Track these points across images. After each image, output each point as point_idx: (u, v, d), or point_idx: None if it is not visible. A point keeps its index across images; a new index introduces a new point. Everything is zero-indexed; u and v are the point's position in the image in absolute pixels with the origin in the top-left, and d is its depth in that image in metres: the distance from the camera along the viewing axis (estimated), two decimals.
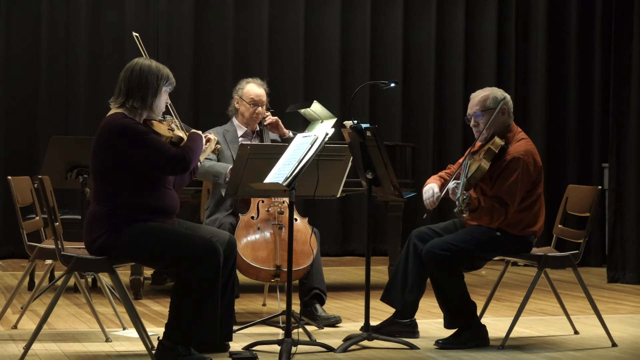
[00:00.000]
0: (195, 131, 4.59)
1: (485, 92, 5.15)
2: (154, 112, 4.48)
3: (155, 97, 4.43)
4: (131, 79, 4.43)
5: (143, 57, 4.58)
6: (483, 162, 4.92)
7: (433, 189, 5.07)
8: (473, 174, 4.91)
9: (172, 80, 4.50)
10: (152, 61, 4.50)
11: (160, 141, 4.38)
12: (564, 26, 9.59)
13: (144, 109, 4.44)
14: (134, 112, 4.43)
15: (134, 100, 4.41)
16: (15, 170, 7.08)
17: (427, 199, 5.06)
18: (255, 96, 5.84)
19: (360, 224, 9.91)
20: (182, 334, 4.29)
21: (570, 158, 9.55)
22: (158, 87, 4.43)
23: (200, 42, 9.65)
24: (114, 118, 4.40)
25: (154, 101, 4.44)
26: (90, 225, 4.38)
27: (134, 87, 4.41)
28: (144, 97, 4.41)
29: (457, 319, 5.04)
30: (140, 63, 4.46)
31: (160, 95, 4.46)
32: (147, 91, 4.41)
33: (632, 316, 6.23)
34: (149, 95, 4.42)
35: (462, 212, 4.74)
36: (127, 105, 4.42)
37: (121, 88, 4.45)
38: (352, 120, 4.92)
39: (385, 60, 10.16)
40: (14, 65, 9.20)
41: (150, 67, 4.44)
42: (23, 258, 8.33)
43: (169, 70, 4.52)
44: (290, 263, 4.63)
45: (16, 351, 4.62)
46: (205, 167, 5.55)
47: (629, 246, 8.03)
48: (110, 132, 4.35)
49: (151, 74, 4.43)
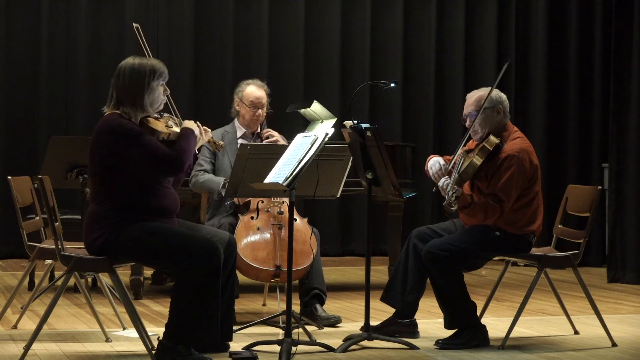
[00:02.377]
0: (187, 126, 4.50)
1: (480, 92, 5.18)
2: (147, 112, 4.45)
3: (144, 97, 4.39)
4: (118, 84, 4.41)
5: (130, 57, 4.50)
6: (475, 158, 4.96)
7: (439, 161, 5.08)
8: (465, 169, 4.95)
9: (160, 72, 4.42)
10: (136, 59, 4.45)
11: (154, 142, 4.36)
12: (564, 26, 9.59)
13: (137, 111, 4.42)
14: (128, 116, 4.43)
15: (124, 107, 4.40)
16: (15, 170, 7.08)
17: (435, 172, 5.06)
18: (255, 99, 5.84)
19: (360, 224, 9.91)
20: (182, 334, 4.28)
21: (570, 158, 9.55)
22: (145, 85, 4.38)
23: (200, 42, 9.66)
24: (109, 118, 4.40)
25: (144, 100, 4.40)
26: (90, 225, 4.38)
27: (122, 93, 4.39)
28: (133, 102, 4.38)
29: (457, 319, 5.04)
30: (124, 66, 4.43)
31: (151, 92, 4.41)
32: (135, 94, 4.38)
33: (632, 316, 6.23)
34: (137, 97, 4.38)
35: (451, 205, 4.76)
36: (119, 111, 4.41)
37: (112, 94, 4.44)
38: (352, 120, 4.92)
39: (385, 60, 10.16)
40: (14, 65, 9.20)
41: (133, 67, 4.40)
42: (23, 258, 8.33)
43: (155, 62, 4.46)
44: (290, 263, 4.63)
45: (16, 351, 4.62)
46: (199, 182, 5.63)
47: (629, 246, 8.03)
48: (105, 132, 4.35)
49: (134, 73, 4.39)
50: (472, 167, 4.96)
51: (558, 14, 9.58)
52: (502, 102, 5.15)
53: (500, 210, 4.96)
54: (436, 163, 5.10)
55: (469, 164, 4.95)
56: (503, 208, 4.96)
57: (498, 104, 5.13)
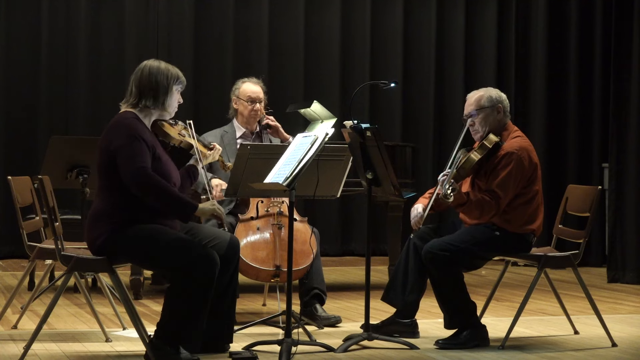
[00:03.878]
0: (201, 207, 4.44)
1: (480, 92, 5.20)
2: (166, 111, 4.55)
3: (166, 96, 4.51)
4: (142, 80, 4.50)
5: (152, 59, 4.63)
6: (473, 154, 4.99)
7: (417, 209, 5.09)
8: (462, 165, 4.98)
9: (182, 79, 4.58)
10: (162, 62, 4.59)
11: (141, 152, 4.34)
12: (564, 26, 9.59)
13: (156, 107, 4.51)
14: (146, 112, 4.50)
15: (146, 100, 4.48)
16: (15, 170, 7.09)
17: (413, 219, 5.09)
18: (252, 93, 5.86)
19: (360, 224, 9.91)
20: (171, 335, 4.31)
21: (570, 158, 9.54)
22: (168, 86, 4.51)
23: (200, 42, 9.66)
24: (123, 116, 4.47)
25: (166, 99, 4.51)
26: (93, 222, 4.39)
27: (145, 88, 4.49)
28: (156, 97, 4.49)
29: (457, 319, 5.04)
30: (149, 65, 4.55)
31: (172, 94, 4.53)
32: (158, 91, 4.49)
33: (632, 316, 6.23)
34: (160, 94, 4.49)
35: (447, 197, 4.78)
36: (140, 105, 4.49)
37: (132, 90, 4.52)
38: (352, 120, 4.92)
39: (385, 60, 10.16)
40: (14, 66, 9.20)
41: (159, 68, 4.53)
42: (23, 258, 8.33)
43: (179, 70, 4.60)
44: (290, 263, 4.63)
45: (16, 351, 4.62)
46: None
47: (629, 246, 8.03)
48: (114, 129, 4.41)
49: (160, 74, 4.51)
50: (469, 163, 4.98)
51: (558, 14, 9.58)
52: (502, 101, 5.18)
53: (497, 207, 4.96)
54: (415, 210, 5.09)
55: (466, 159, 4.99)
56: (499, 204, 4.96)
57: (498, 103, 5.15)
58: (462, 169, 5.00)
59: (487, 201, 4.96)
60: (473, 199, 4.96)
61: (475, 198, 4.96)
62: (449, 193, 4.79)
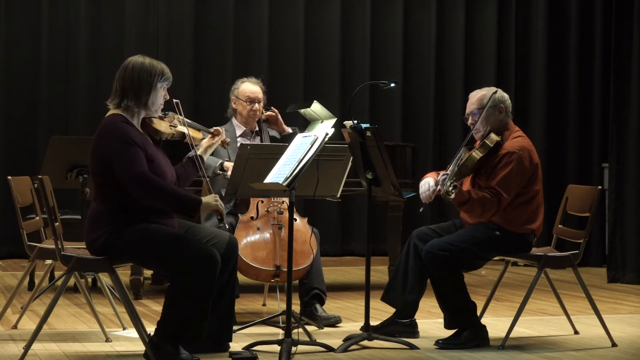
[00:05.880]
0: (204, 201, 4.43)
1: (483, 92, 5.20)
2: (150, 110, 4.47)
3: (149, 94, 4.42)
4: (125, 77, 4.43)
5: (139, 55, 4.55)
6: (475, 152, 5.01)
7: (429, 182, 5.09)
8: (464, 163, 5.00)
9: (167, 76, 4.47)
10: (146, 58, 4.48)
11: (137, 156, 4.31)
12: (564, 26, 9.59)
13: (139, 107, 4.44)
14: (130, 112, 4.44)
15: (128, 100, 4.41)
16: (15, 170, 7.08)
17: (423, 193, 5.09)
18: (251, 93, 5.86)
19: (360, 224, 9.91)
20: (172, 333, 4.30)
21: (570, 158, 9.55)
22: (151, 84, 4.41)
23: (200, 42, 9.65)
24: (111, 121, 4.40)
25: (149, 98, 4.43)
26: (92, 224, 4.39)
27: (128, 86, 4.41)
28: (138, 96, 4.41)
29: (457, 319, 5.04)
30: (132, 61, 4.46)
31: (156, 92, 4.44)
32: (141, 89, 4.40)
33: (632, 316, 6.23)
34: (142, 93, 4.41)
35: (448, 194, 4.79)
36: (122, 105, 4.43)
37: (116, 88, 4.46)
38: (352, 120, 4.92)
39: (385, 60, 10.16)
40: (14, 66, 9.20)
41: (143, 65, 4.43)
42: (23, 258, 8.33)
43: (165, 66, 4.50)
44: (290, 263, 4.63)
45: (16, 351, 4.62)
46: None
47: (629, 246, 8.03)
48: (103, 134, 4.37)
49: (143, 71, 4.42)
50: (471, 161, 4.99)
51: (558, 14, 9.58)
52: (504, 101, 5.17)
53: (498, 204, 4.97)
54: (426, 183, 5.10)
55: (468, 157, 5.01)
56: (501, 201, 4.97)
57: (500, 103, 5.15)
58: (463, 166, 5.00)
59: (489, 199, 4.96)
60: (475, 196, 4.96)
61: (477, 196, 4.96)
62: (450, 190, 4.80)
